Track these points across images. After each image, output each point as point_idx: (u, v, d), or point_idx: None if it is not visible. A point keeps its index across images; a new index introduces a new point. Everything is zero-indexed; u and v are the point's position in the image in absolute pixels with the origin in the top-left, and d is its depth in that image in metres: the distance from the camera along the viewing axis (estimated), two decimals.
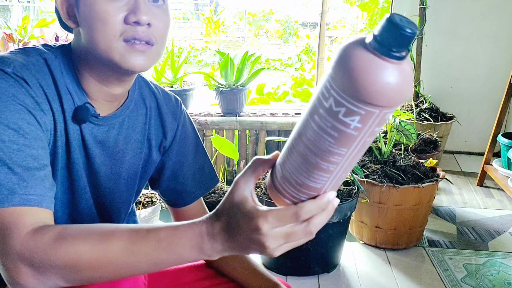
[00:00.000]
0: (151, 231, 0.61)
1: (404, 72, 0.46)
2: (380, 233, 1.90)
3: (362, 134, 0.49)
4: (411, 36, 0.44)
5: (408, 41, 0.45)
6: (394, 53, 0.45)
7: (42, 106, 0.69)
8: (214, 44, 10.10)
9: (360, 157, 0.53)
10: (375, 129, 0.49)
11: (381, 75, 0.45)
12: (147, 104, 0.87)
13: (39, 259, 0.59)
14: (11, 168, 0.63)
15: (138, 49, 0.70)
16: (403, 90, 0.46)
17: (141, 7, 0.69)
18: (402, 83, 0.46)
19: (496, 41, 3.01)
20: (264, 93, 4.74)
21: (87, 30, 0.70)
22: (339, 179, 0.54)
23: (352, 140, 0.49)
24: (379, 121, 0.48)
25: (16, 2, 7.07)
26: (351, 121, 0.48)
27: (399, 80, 0.46)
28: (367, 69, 0.45)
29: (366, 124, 0.48)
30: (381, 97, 0.46)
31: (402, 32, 0.44)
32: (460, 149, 3.20)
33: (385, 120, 0.49)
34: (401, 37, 0.44)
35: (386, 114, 0.48)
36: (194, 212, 0.96)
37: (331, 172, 0.53)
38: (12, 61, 0.69)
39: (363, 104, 0.46)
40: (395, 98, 0.46)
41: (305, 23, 12.57)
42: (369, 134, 0.49)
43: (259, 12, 12.68)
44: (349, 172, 0.55)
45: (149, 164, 0.91)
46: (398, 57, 0.45)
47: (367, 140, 0.50)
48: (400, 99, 0.47)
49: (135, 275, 0.63)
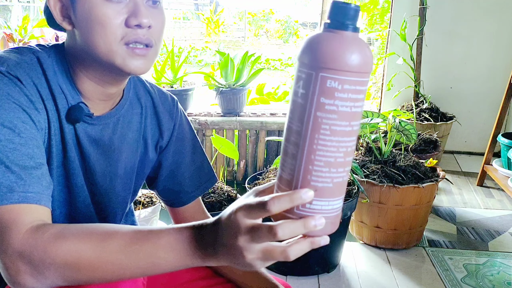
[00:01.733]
0: (152, 231, 0.61)
1: (338, 38, 0.50)
2: (380, 233, 1.90)
3: (309, 104, 0.51)
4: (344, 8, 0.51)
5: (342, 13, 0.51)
6: (329, 24, 0.51)
7: (36, 105, 0.69)
8: (214, 44, 10.09)
9: (323, 147, 0.51)
10: (321, 100, 0.50)
11: (316, 40, 0.51)
12: (142, 103, 0.87)
13: (39, 257, 0.59)
14: (9, 167, 0.63)
15: (139, 53, 0.71)
16: (333, 51, 0.50)
17: (141, 9, 0.69)
18: (331, 45, 0.50)
19: (496, 41, 3.00)
20: (264, 93, 4.74)
21: (85, 32, 0.70)
22: (308, 173, 0.52)
23: (302, 110, 0.51)
24: (320, 88, 0.50)
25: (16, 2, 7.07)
26: (298, 88, 0.52)
27: (328, 43, 0.50)
28: (309, 39, 0.52)
29: (308, 89, 0.50)
30: (312, 56, 0.50)
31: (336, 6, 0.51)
32: (460, 149, 3.20)
33: (328, 89, 0.50)
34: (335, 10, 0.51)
35: (326, 80, 0.50)
36: (192, 212, 0.96)
37: (294, 156, 0.52)
38: (6, 60, 0.69)
39: (303, 66, 0.51)
40: (325, 56, 0.50)
41: (305, 23, 12.57)
42: (317, 106, 0.50)
43: (259, 12, 12.68)
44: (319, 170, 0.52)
45: (146, 163, 0.91)
46: (335, 26, 0.51)
47: (318, 116, 0.50)
48: (331, 59, 0.49)
49: (134, 277, 0.63)
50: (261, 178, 2.00)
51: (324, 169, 0.52)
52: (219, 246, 0.56)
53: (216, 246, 0.56)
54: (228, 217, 0.55)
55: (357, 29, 0.51)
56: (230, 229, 0.54)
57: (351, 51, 0.50)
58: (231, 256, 0.55)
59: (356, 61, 0.50)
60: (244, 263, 0.54)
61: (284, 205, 0.51)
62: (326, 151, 0.51)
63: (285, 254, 0.52)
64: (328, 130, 0.50)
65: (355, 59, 0.50)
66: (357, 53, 0.50)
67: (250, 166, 2.77)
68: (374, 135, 2.02)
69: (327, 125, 0.50)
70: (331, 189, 0.53)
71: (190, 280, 0.91)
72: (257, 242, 0.52)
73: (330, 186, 0.52)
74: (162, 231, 0.60)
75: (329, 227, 0.54)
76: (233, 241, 0.54)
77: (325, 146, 0.51)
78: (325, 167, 0.52)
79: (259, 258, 0.54)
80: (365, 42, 0.52)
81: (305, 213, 0.53)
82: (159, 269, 0.60)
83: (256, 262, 0.54)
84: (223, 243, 0.55)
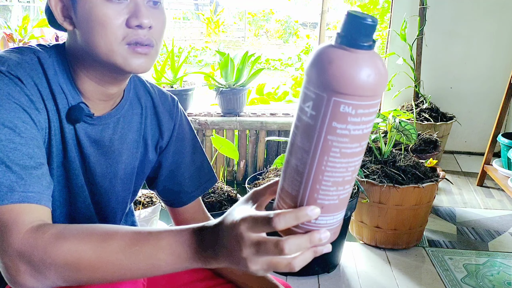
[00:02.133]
0: (153, 232, 0.61)
1: (353, 59, 0.46)
2: (380, 233, 1.90)
3: (319, 126, 0.48)
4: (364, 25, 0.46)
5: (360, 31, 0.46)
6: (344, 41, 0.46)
7: (37, 105, 0.69)
8: (214, 44, 10.09)
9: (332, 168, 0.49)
10: (333, 124, 0.47)
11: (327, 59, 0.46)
12: (142, 103, 0.87)
13: (39, 257, 0.59)
14: (9, 167, 0.63)
15: (140, 52, 0.71)
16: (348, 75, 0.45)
17: (142, 10, 0.69)
18: (347, 68, 0.45)
19: (496, 41, 3.00)
20: (264, 93, 4.74)
21: (86, 32, 0.70)
22: (315, 191, 0.51)
23: (311, 131, 0.49)
24: (332, 112, 0.47)
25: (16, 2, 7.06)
26: (307, 108, 0.48)
27: (343, 64, 0.46)
28: (319, 55, 0.47)
29: (319, 111, 0.47)
30: (325, 78, 0.46)
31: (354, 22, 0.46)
32: (460, 149, 3.20)
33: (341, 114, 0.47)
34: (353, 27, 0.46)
35: (340, 105, 0.46)
36: (192, 212, 0.96)
37: (300, 173, 0.51)
38: (6, 60, 0.69)
39: (313, 87, 0.47)
40: (339, 81, 0.45)
41: (305, 23, 12.57)
42: (328, 129, 0.48)
43: (259, 12, 12.68)
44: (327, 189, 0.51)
45: (146, 164, 0.90)
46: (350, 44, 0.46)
47: (328, 139, 0.48)
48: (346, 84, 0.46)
49: (134, 278, 0.63)
50: (261, 178, 2.00)
51: (332, 188, 0.51)
52: (220, 249, 0.56)
53: (217, 249, 0.57)
54: (231, 226, 0.55)
55: (374, 43, 0.47)
56: (233, 239, 0.54)
57: (368, 74, 0.46)
58: (233, 261, 0.56)
59: (372, 85, 0.46)
60: (246, 271, 0.55)
61: (289, 222, 0.52)
62: (335, 172, 0.50)
63: (291, 266, 0.53)
64: (338, 152, 0.49)
65: (371, 83, 0.46)
66: (374, 75, 0.46)
67: (250, 166, 2.77)
68: (374, 135, 2.02)
69: (338, 148, 0.48)
70: (337, 205, 0.53)
71: (190, 282, 0.91)
72: (262, 256, 0.53)
73: (336, 202, 0.52)
74: (162, 233, 0.60)
75: (332, 236, 0.55)
76: (237, 251, 0.54)
77: (334, 168, 0.50)
78: (332, 187, 0.51)
79: (263, 268, 0.54)
80: (381, 59, 0.48)
81: (310, 228, 0.53)
82: (159, 270, 0.60)
83: (259, 271, 0.55)
84: (225, 247, 0.56)
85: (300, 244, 0.52)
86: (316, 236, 0.52)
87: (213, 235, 0.57)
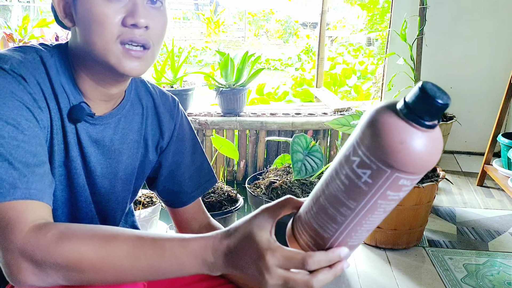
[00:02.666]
0: (157, 240, 0.61)
1: (425, 140, 0.45)
2: (380, 233, 1.90)
3: (373, 192, 0.48)
4: (440, 107, 0.44)
5: (435, 111, 0.44)
6: (417, 119, 0.44)
7: (39, 103, 0.69)
8: (214, 44, 10.09)
9: (371, 222, 0.51)
10: (387, 192, 0.48)
11: (398, 137, 0.44)
12: (143, 103, 0.87)
13: (41, 256, 0.59)
14: (12, 164, 0.63)
15: (134, 55, 0.70)
16: (418, 157, 0.45)
17: (139, 9, 0.69)
18: (418, 150, 0.44)
19: (496, 41, 3.00)
20: (264, 93, 4.74)
21: (84, 30, 0.70)
22: (348, 237, 0.53)
23: (362, 195, 0.48)
24: (391, 183, 0.47)
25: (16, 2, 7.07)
26: (363, 174, 0.47)
27: (415, 146, 0.44)
28: (387, 128, 0.45)
29: (377, 181, 0.47)
30: (393, 157, 0.45)
31: (430, 102, 0.43)
32: (460, 149, 3.20)
33: (398, 186, 0.47)
34: (428, 106, 0.44)
35: (400, 179, 0.46)
36: (192, 212, 0.96)
37: (338, 223, 0.52)
38: (10, 58, 0.69)
39: (376, 159, 0.46)
40: (408, 162, 0.45)
41: (305, 23, 12.57)
42: (381, 196, 0.48)
43: (259, 12, 12.68)
44: (360, 235, 0.53)
45: (146, 164, 0.90)
46: (422, 124, 0.44)
47: (378, 202, 0.49)
48: (414, 165, 0.45)
49: (136, 281, 0.63)
50: (261, 178, 2.00)
51: (365, 234, 0.54)
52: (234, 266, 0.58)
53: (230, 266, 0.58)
54: (255, 255, 0.56)
55: (440, 121, 0.46)
56: (257, 268, 0.55)
57: (432, 153, 0.45)
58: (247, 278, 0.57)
59: (434, 163, 0.46)
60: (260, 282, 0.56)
61: (322, 264, 0.54)
62: (373, 224, 0.52)
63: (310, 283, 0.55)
64: (383, 211, 0.51)
65: (434, 161, 0.46)
66: (437, 154, 0.46)
67: (250, 166, 2.77)
68: None
69: (383, 209, 0.50)
70: (363, 240, 0.56)
71: (191, 282, 0.91)
72: None
73: (364, 238, 0.55)
74: (166, 241, 0.60)
75: None
76: (259, 278, 0.56)
77: (374, 222, 0.52)
78: (365, 233, 0.54)
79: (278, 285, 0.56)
80: (440, 134, 0.47)
81: None
82: (163, 277, 0.61)
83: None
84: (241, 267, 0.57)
85: (326, 279, 0.55)
86: (340, 269, 0.55)
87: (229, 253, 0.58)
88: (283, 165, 2.07)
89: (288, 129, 2.66)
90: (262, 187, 1.90)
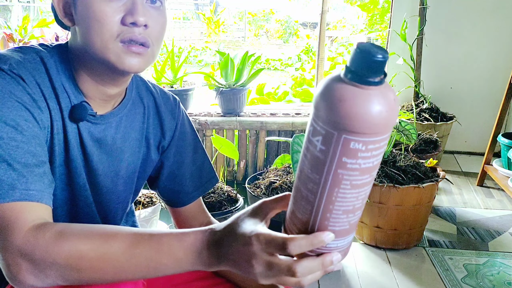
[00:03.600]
0: (154, 235, 0.61)
1: (365, 97, 0.44)
2: (380, 233, 1.90)
3: (330, 161, 0.47)
4: (374, 61, 0.44)
5: (371, 67, 0.44)
6: (355, 77, 0.45)
7: (39, 104, 0.70)
8: (214, 44, 10.09)
9: (342, 198, 0.50)
10: (343, 159, 0.47)
11: (338, 95, 0.45)
12: (144, 103, 0.87)
13: (40, 256, 0.59)
14: (11, 165, 0.63)
15: (134, 51, 0.70)
16: (359, 114, 0.44)
17: (138, 8, 0.69)
18: (358, 106, 0.44)
19: (497, 41, 3.00)
20: (264, 93, 4.74)
21: (84, 29, 0.70)
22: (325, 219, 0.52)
23: (321, 165, 0.48)
24: (343, 148, 0.46)
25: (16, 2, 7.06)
26: (316, 142, 0.48)
27: (354, 102, 0.44)
28: (328, 90, 0.46)
29: (329, 147, 0.47)
30: (335, 116, 0.45)
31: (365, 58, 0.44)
32: (460, 149, 3.20)
33: (351, 150, 0.46)
34: (364, 63, 0.44)
35: (350, 142, 0.46)
36: (193, 212, 0.96)
37: (310, 202, 0.52)
38: (8, 58, 0.69)
39: (323, 123, 0.47)
40: (350, 120, 0.44)
41: (305, 23, 12.57)
42: (338, 164, 0.47)
43: (259, 12, 12.68)
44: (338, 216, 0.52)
45: (148, 164, 0.91)
46: (361, 81, 0.45)
47: (338, 172, 0.48)
48: (357, 123, 0.44)
49: (134, 279, 0.63)
50: (261, 178, 2.00)
51: (342, 216, 0.52)
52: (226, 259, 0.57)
53: (223, 257, 0.58)
54: (242, 242, 0.56)
55: (385, 76, 0.45)
56: (245, 255, 0.55)
57: (379, 111, 0.45)
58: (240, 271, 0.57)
59: (383, 121, 0.45)
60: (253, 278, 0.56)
61: (304, 248, 0.53)
62: (345, 202, 0.50)
63: (300, 284, 0.55)
64: (349, 185, 0.49)
65: (383, 119, 0.45)
66: (385, 112, 0.45)
67: (250, 166, 2.77)
68: None
69: (348, 181, 0.49)
70: (347, 230, 0.54)
71: (190, 280, 0.91)
72: (274, 276, 0.54)
73: (347, 228, 0.53)
74: (163, 237, 0.61)
75: (342, 256, 0.56)
76: (247, 266, 0.55)
77: (344, 198, 0.50)
78: (343, 215, 0.52)
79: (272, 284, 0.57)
80: (392, 93, 0.46)
81: (322, 251, 0.54)
82: (161, 273, 0.61)
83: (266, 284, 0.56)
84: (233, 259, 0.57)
85: (312, 268, 0.54)
86: (328, 260, 0.54)
87: (220, 244, 0.58)
88: (283, 165, 2.07)
89: (288, 129, 2.66)
90: (262, 187, 1.90)
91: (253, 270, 0.55)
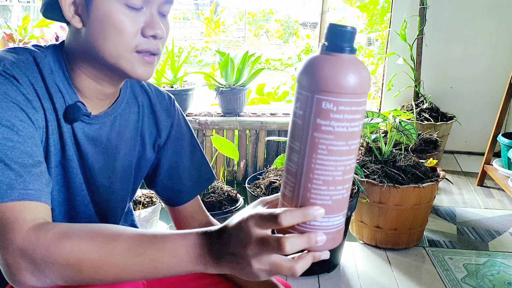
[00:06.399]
0: (157, 236, 0.61)
1: (332, 61, 0.51)
2: (380, 233, 1.90)
3: (306, 124, 0.52)
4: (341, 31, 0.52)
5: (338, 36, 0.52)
6: (325, 46, 0.52)
7: (34, 104, 0.70)
8: (214, 44, 10.09)
9: (321, 166, 0.52)
10: (317, 121, 0.51)
11: (312, 62, 0.52)
12: (139, 101, 0.87)
13: (41, 256, 0.59)
14: (8, 165, 0.63)
15: (147, 61, 0.72)
16: (328, 74, 0.50)
17: (157, 21, 0.71)
18: (326, 68, 0.51)
19: (496, 41, 3.00)
20: (264, 93, 4.74)
21: (97, 34, 0.70)
22: (307, 191, 0.53)
23: (299, 130, 0.53)
24: (316, 109, 0.51)
25: (16, 2, 7.07)
26: (296, 108, 0.53)
27: (323, 65, 0.51)
28: (306, 62, 0.53)
29: (305, 110, 0.52)
30: (307, 77, 0.52)
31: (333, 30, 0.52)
32: (460, 149, 3.20)
33: (324, 111, 0.51)
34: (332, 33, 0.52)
35: (322, 102, 0.51)
36: (191, 211, 0.96)
37: (293, 173, 0.54)
38: (2, 59, 0.69)
39: (300, 88, 0.53)
40: (319, 79, 0.51)
41: (305, 23, 12.57)
42: (313, 127, 0.51)
43: (259, 12, 12.68)
44: (319, 188, 0.53)
45: (144, 162, 0.91)
46: (330, 48, 0.52)
47: (315, 136, 0.52)
48: (326, 82, 0.50)
49: (135, 280, 0.63)
50: (261, 178, 2.00)
51: (323, 187, 0.53)
52: (224, 255, 0.57)
53: (221, 254, 0.57)
54: (237, 225, 0.56)
55: (354, 50, 0.52)
56: (239, 237, 0.55)
57: (346, 73, 0.51)
58: (236, 264, 0.56)
59: (351, 83, 0.50)
60: (249, 272, 0.55)
61: (295, 220, 0.53)
62: (324, 170, 0.53)
63: (293, 270, 0.55)
64: (326, 150, 0.52)
65: (350, 81, 0.50)
66: (352, 75, 0.51)
67: (250, 166, 2.77)
68: (374, 135, 2.02)
69: (324, 145, 0.52)
70: (330, 206, 0.54)
71: (189, 279, 0.91)
72: (265, 254, 0.54)
73: (330, 203, 0.54)
74: (166, 236, 0.61)
75: (330, 242, 0.56)
76: (241, 249, 0.55)
77: (323, 166, 0.52)
78: (323, 185, 0.53)
79: (265, 270, 0.55)
80: (361, 63, 0.53)
81: (306, 229, 0.55)
82: (161, 273, 0.61)
83: (261, 273, 0.55)
84: (229, 251, 0.56)
85: (300, 244, 0.53)
86: (313, 237, 0.54)
87: (218, 240, 0.58)
88: (283, 165, 2.07)
89: None
90: (262, 187, 1.90)
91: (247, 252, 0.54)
